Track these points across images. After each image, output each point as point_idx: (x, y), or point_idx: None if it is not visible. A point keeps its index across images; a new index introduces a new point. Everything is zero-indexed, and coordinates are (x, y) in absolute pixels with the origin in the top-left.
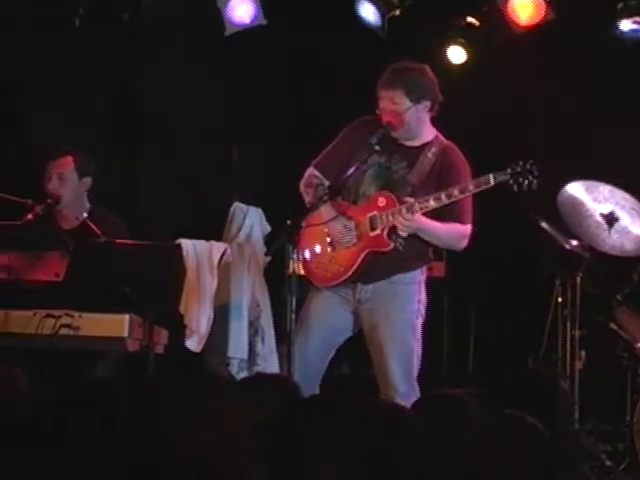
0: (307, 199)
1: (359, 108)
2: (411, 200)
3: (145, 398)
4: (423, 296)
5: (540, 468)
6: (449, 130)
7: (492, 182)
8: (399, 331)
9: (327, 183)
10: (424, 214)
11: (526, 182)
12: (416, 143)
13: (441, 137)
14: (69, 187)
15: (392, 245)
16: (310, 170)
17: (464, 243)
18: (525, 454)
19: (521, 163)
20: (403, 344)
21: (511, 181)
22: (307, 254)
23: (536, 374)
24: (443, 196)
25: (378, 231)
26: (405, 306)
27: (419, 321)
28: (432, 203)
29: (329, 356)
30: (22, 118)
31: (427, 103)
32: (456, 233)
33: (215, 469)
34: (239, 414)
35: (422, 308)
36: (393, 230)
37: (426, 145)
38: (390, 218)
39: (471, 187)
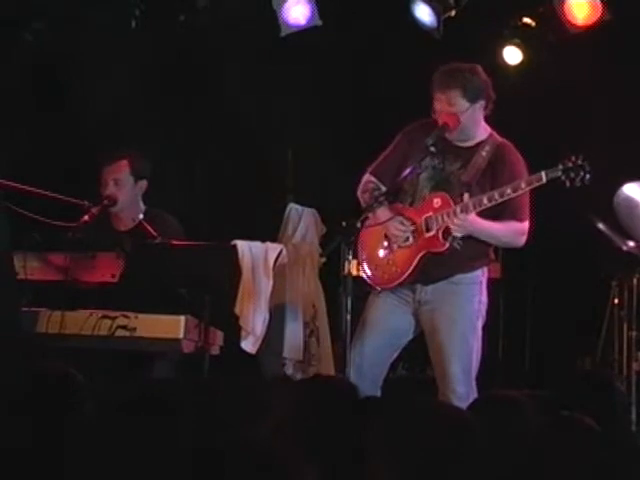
0: (364, 204)
1: (414, 109)
2: (466, 199)
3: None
4: (484, 297)
5: (596, 469)
6: (505, 130)
7: (544, 179)
8: (460, 332)
9: (383, 188)
10: (480, 213)
11: (578, 178)
12: (470, 143)
13: (495, 135)
14: (125, 191)
15: (447, 245)
16: (366, 177)
17: (522, 240)
18: (581, 455)
19: (573, 158)
20: (464, 345)
21: (563, 177)
22: (365, 256)
23: (593, 375)
24: (496, 195)
25: (433, 232)
26: (465, 306)
27: (480, 322)
28: (485, 202)
29: (391, 358)
30: (79, 120)
31: (482, 102)
32: (512, 231)
33: (264, 463)
34: (285, 409)
35: (483, 309)
36: (448, 230)
37: (480, 144)
38: (445, 218)
39: (523, 185)
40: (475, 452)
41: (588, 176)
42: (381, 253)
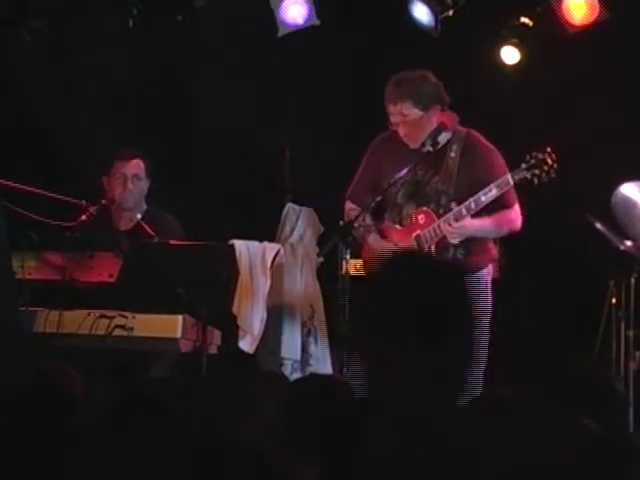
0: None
1: None
2: (454, 208)
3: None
4: (489, 295)
5: (595, 469)
6: (502, 130)
7: (511, 182)
8: None
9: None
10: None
11: (544, 173)
12: (436, 146)
13: (459, 128)
14: (140, 187)
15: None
16: (347, 205)
17: (518, 224)
18: (580, 456)
19: (534, 154)
20: None
21: (529, 176)
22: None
23: (590, 375)
24: (472, 204)
25: (426, 249)
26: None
27: (486, 320)
28: (464, 212)
29: None
30: (74, 121)
31: (437, 107)
32: (506, 220)
33: (261, 463)
34: (281, 409)
35: (489, 307)
36: (440, 244)
37: (447, 145)
38: (433, 234)
39: (494, 190)
40: (474, 452)
41: (553, 170)
42: None
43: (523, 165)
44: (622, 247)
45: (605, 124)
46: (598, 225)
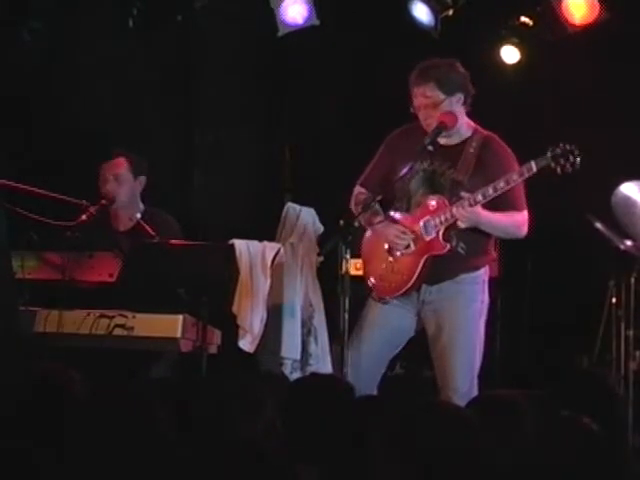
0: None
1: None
2: (467, 195)
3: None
4: (486, 296)
5: (595, 469)
6: (502, 129)
7: (534, 168)
8: (463, 332)
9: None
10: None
11: (569, 163)
12: (455, 140)
13: (480, 129)
14: (126, 187)
15: (447, 247)
16: (357, 189)
17: (524, 230)
18: (580, 455)
19: (561, 145)
20: (467, 345)
21: (553, 164)
22: (369, 269)
23: (590, 375)
24: (490, 190)
25: (433, 235)
26: (469, 306)
27: (482, 321)
28: (480, 198)
29: (389, 357)
30: (77, 120)
31: (460, 96)
32: (515, 221)
33: (260, 462)
34: (282, 408)
35: (484, 308)
36: (448, 232)
37: (466, 141)
38: (443, 220)
39: (515, 177)
40: (475, 452)
41: (578, 159)
42: (384, 263)
43: (548, 153)
44: (622, 247)
45: (605, 124)
46: (598, 225)
